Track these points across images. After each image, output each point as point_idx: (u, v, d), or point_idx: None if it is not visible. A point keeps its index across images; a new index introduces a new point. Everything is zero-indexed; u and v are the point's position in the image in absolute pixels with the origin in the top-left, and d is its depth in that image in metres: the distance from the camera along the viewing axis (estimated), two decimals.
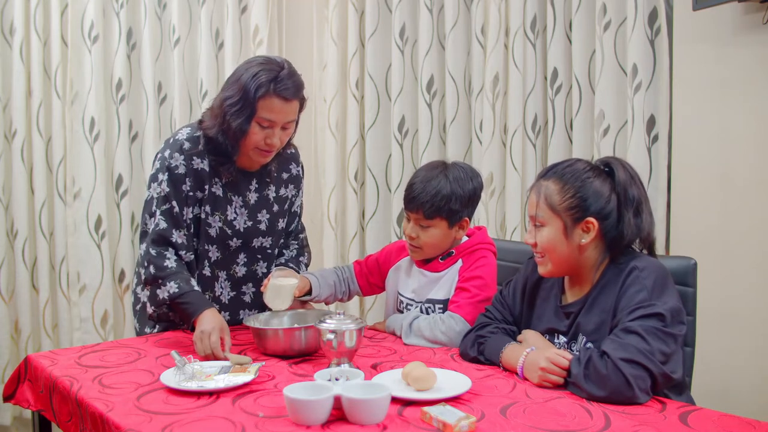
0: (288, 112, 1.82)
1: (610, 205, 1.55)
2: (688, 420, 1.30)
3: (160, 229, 1.86)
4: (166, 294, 1.81)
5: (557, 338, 1.62)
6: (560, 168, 1.59)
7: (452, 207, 1.86)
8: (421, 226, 1.89)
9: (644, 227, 1.56)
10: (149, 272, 1.84)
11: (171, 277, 1.82)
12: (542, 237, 1.58)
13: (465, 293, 1.88)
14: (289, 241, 2.17)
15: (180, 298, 1.80)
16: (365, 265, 2.13)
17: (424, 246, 1.91)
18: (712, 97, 2.19)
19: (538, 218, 1.58)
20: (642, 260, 1.52)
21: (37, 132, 2.98)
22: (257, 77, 1.77)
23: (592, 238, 1.55)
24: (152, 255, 1.85)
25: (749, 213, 2.12)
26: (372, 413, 1.27)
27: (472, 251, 1.94)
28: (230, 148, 1.85)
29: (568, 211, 1.55)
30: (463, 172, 1.90)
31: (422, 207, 1.85)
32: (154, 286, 1.84)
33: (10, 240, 3.00)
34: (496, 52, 2.72)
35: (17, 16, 2.91)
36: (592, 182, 1.55)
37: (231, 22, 3.18)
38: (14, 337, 3.02)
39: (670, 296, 1.47)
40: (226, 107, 1.81)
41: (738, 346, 2.15)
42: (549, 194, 1.57)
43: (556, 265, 1.59)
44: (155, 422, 1.29)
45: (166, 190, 1.87)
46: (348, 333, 1.55)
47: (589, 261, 1.58)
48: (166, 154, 1.89)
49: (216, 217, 1.92)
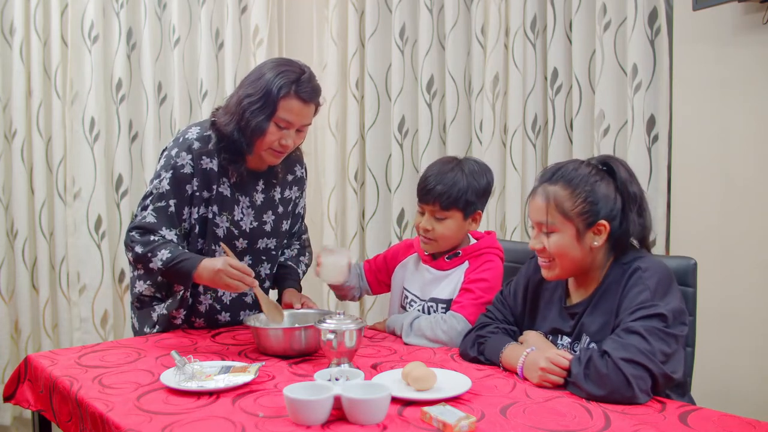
0: (305, 114, 1.84)
1: (617, 206, 1.56)
2: (688, 420, 1.30)
3: (147, 222, 1.85)
4: (159, 263, 1.79)
5: (561, 339, 1.62)
6: (566, 172, 1.58)
7: (468, 198, 1.89)
8: (436, 218, 1.91)
9: (647, 225, 1.57)
10: (136, 252, 1.83)
11: (160, 246, 1.81)
12: (553, 243, 1.57)
13: (469, 294, 1.88)
14: (291, 241, 2.18)
15: (173, 261, 1.78)
16: (374, 263, 2.16)
17: (439, 238, 1.92)
18: (712, 97, 2.19)
19: (549, 225, 1.57)
20: (646, 261, 1.53)
21: (37, 132, 2.98)
22: (280, 77, 1.79)
23: (603, 241, 1.56)
24: (136, 237, 1.84)
25: (749, 213, 2.12)
26: (372, 413, 1.27)
27: (480, 254, 1.95)
28: (245, 146, 1.85)
29: (580, 216, 1.55)
30: (477, 165, 1.94)
31: (439, 198, 1.87)
32: (145, 261, 1.82)
33: (10, 240, 3.00)
34: (496, 52, 2.72)
35: (17, 16, 2.91)
36: (600, 185, 1.56)
37: (231, 22, 3.18)
38: (14, 337, 3.02)
39: (672, 297, 1.47)
40: (245, 105, 1.81)
41: (738, 346, 2.15)
42: (560, 200, 1.56)
43: (565, 269, 1.59)
44: (155, 422, 1.29)
45: (165, 188, 1.86)
46: (348, 333, 1.55)
47: (597, 262, 1.59)
48: (173, 152, 1.89)
49: (223, 217, 1.92)
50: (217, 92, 3.18)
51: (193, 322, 2.00)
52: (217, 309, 1.99)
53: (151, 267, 1.81)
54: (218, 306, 1.99)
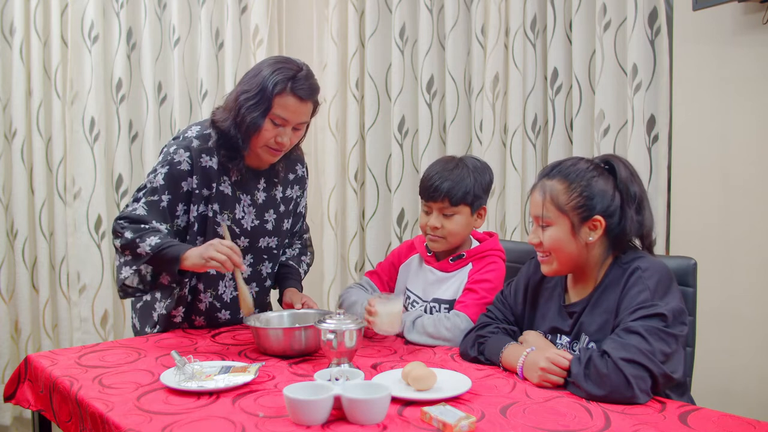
0: (301, 112, 1.84)
1: (615, 203, 1.56)
2: (688, 420, 1.30)
3: (137, 214, 1.84)
4: (147, 248, 1.77)
5: (560, 338, 1.62)
6: (564, 167, 1.60)
7: (476, 193, 1.91)
8: (445, 215, 1.91)
9: (646, 224, 1.57)
10: (125, 237, 1.80)
11: (149, 233, 1.80)
12: (549, 237, 1.58)
13: (473, 294, 1.89)
14: (293, 241, 2.18)
15: (162, 247, 1.77)
16: (384, 274, 2.12)
17: (449, 235, 1.93)
18: (712, 97, 2.19)
19: (544, 218, 1.59)
20: (645, 260, 1.53)
21: (37, 132, 2.98)
22: (276, 74, 1.80)
23: (598, 236, 1.56)
24: (125, 224, 1.83)
25: (749, 213, 2.12)
26: (372, 413, 1.27)
27: (483, 256, 1.96)
28: (241, 143, 1.86)
29: (576, 210, 1.55)
30: (478, 162, 1.97)
31: (448, 194, 1.89)
32: (133, 246, 1.80)
33: (10, 240, 3.00)
34: (496, 52, 2.72)
35: (17, 16, 2.91)
36: (597, 181, 1.56)
37: (231, 22, 3.18)
38: (14, 337, 3.02)
39: (672, 297, 1.47)
40: (241, 101, 1.82)
41: (738, 346, 2.15)
42: (555, 194, 1.57)
43: (562, 264, 1.59)
44: (155, 422, 1.29)
45: (160, 183, 1.86)
46: (348, 333, 1.54)
47: (594, 259, 1.59)
48: (171, 149, 1.89)
49: (224, 216, 1.92)
50: (217, 92, 3.18)
51: (193, 320, 2.00)
52: (217, 307, 1.99)
53: (139, 252, 1.79)
54: (218, 304, 1.99)
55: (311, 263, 2.21)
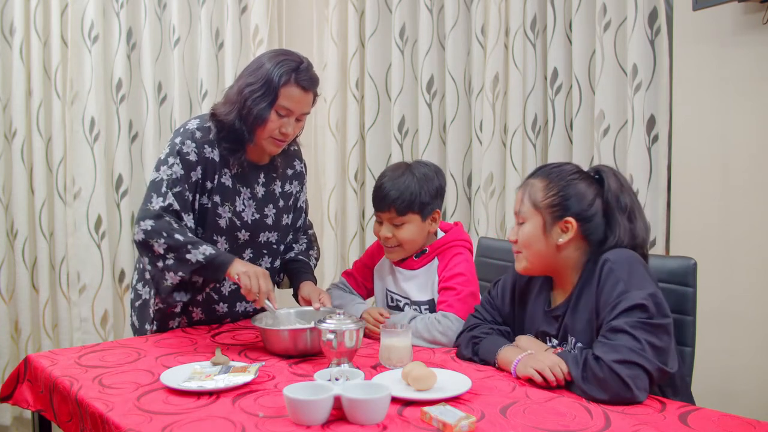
0: (305, 102, 1.87)
1: (593, 209, 1.56)
2: (688, 420, 1.30)
3: (174, 208, 1.84)
4: (200, 256, 1.78)
5: (549, 341, 1.62)
6: (549, 168, 1.62)
7: (423, 200, 1.89)
8: (394, 225, 1.91)
9: (638, 233, 1.56)
10: (175, 239, 1.78)
11: (201, 242, 1.81)
12: (522, 233, 1.60)
13: (451, 292, 1.89)
14: (298, 236, 2.18)
15: (213, 256, 1.79)
16: (358, 275, 2.13)
17: (403, 243, 1.93)
18: (712, 97, 2.19)
19: (520, 214, 1.61)
20: (612, 252, 1.52)
21: (37, 132, 2.98)
22: (280, 66, 1.82)
23: (570, 239, 1.56)
24: (171, 224, 1.81)
25: (749, 213, 2.12)
26: (372, 413, 1.27)
27: (447, 248, 1.95)
28: (246, 135, 1.86)
29: (549, 209, 1.56)
30: (427, 168, 1.95)
31: (394, 204, 1.88)
32: (182, 251, 1.78)
33: (10, 240, 3.00)
34: (496, 52, 2.72)
35: (17, 16, 2.91)
36: (577, 184, 1.57)
37: (231, 22, 3.18)
38: (14, 337, 3.02)
39: (646, 281, 1.46)
40: (246, 93, 1.83)
41: (738, 346, 2.15)
42: (533, 191, 1.59)
43: (531, 261, 1.60)
44: (155, 422, 1.29)
45: (179, 173, 1.85)
46: (348, 333, 1.54)
47: (570, 262, 1.59)
48: (177, 140, 1.89)
49: (225, 208, 1.92)
50: (217, 92, 3.18)
51: (190, 311, 2.00)
52: (215, 299, 2.00)
53: (188, 258, 1.78)
54: (216, 296, 1.99)
55: (318, 258, 2.21)
